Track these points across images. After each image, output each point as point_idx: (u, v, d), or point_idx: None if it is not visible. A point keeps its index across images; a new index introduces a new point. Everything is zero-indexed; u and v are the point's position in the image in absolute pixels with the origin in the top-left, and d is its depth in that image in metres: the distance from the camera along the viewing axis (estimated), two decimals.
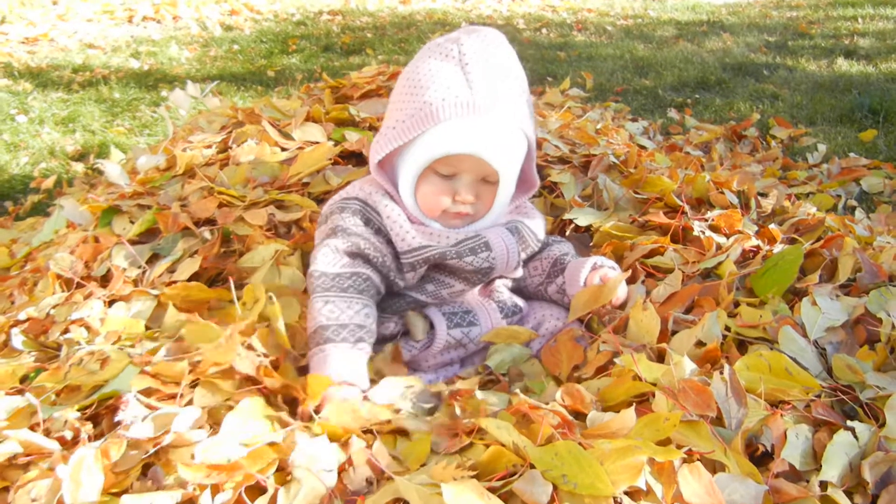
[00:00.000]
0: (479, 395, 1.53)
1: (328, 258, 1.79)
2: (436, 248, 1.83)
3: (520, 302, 2.03)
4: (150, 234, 2.28)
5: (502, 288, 2.03)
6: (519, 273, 2.04)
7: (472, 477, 1.23)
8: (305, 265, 2.06)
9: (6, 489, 1.37)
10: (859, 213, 3.09)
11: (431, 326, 1.90)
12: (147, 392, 1.50)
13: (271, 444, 1.34)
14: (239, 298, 1.75)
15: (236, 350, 1.52)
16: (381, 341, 1.88)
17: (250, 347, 1.56)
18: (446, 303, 1.95)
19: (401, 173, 1.87)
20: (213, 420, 1.43)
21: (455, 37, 1.82)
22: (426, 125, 1.76)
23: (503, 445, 1.30)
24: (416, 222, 1.87)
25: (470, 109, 1.74)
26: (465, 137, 1.76)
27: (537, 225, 2.01)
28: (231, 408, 1.40)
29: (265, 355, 1.56)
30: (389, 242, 1.85)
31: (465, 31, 1.86)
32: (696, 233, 2.14)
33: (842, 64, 5.95)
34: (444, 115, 1.74)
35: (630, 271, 2.01)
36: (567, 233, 2.41)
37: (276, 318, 1.67)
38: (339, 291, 1.75)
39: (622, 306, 1.92)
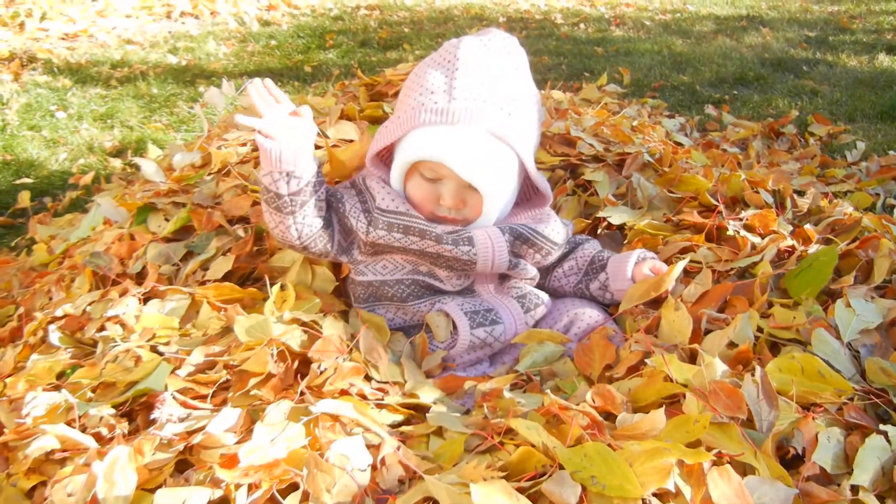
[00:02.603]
0: (508, 394, 1.53)
1: None
2: (420, 222, 1.86)
3: (542, 295, 2.02)
4: (184, 232, 2.30)
5: (520, 283, 2.01)
6: (530, 274, 2.00)
7: (502, 477, 1.23)
8: (336, 265, 2.08)
9: (43, 483, 1.40)
10: None
11: (455, 327, 1.89)
12: (182, 391, 1.52)
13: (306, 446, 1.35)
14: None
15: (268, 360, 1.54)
16: (398, 329, 1.92)
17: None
18: (451, 291, 1.95)
19: (391, 171, 1.93)
20: (248, 421, 1.44)
21: (458, 41, 1.87)
22: (407, 127, 1.83)
23: (533, 446, 1.30)
24: None
25: (444, 117, 1.78)
26: (436, 145, 1.80)
27: (551, 229, 1.98)
28: (264, 410, 1.41)
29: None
30: (368, 212, 1.89)
31: (473, 35, 1.90)
32: (730, 232, 2.12)
33: (883, 60, 5.86)
34: (420, 120, 1.80)
35: (688, 259, 2.01)
36: (599, 231, 2.40)
37: None
38: None
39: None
